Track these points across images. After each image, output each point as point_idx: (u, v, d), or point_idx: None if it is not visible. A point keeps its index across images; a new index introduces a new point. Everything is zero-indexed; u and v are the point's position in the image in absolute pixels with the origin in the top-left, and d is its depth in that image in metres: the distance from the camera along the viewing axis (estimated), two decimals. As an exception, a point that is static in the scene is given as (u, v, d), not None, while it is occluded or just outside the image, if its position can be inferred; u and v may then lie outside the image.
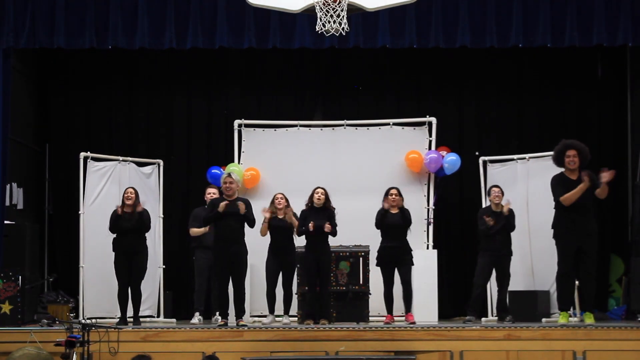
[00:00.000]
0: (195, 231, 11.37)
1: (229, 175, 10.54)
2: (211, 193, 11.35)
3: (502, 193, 11.14)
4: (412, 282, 10.73)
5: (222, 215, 10.26)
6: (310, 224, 10.51)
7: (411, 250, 10.74)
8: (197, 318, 11.24)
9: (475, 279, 11.08)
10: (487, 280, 11.16)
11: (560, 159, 10.37)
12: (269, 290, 10.87)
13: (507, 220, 10.93)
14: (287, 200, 10.92)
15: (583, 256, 10.19)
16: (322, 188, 10.78)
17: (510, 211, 11.00)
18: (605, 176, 10.11)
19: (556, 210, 10.34)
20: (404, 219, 10.72)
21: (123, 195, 10.92)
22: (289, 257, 10.87)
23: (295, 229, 10.83)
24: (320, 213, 10.65)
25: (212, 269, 10.95)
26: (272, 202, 10.94)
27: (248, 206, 10.43)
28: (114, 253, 10.80)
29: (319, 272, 10.64)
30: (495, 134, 13.22)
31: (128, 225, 10.70)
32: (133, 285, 10.80)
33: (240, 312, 10.31)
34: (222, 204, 10.25)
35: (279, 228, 10.84)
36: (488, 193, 11.33)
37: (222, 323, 10.22)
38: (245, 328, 10.00)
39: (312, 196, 10.76)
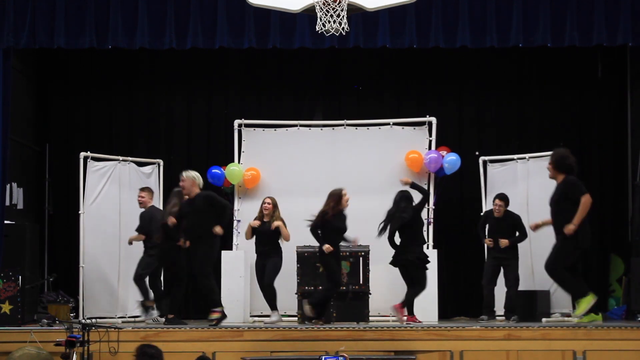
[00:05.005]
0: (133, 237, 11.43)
1: (181, 174, 10.69)
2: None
3: (506, 204, 11.22)
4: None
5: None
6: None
7: (408, 250, 10.66)
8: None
9: (483, 281, 11.24)
10: (492, 281, 11.20)
11: (564, 164, 10.11)
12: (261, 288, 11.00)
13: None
14: (275, 205, 11.00)
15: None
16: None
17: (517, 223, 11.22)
18: None
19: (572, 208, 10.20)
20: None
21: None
22: (274, 257, 10.94)
23: (282, 237, 10.95)
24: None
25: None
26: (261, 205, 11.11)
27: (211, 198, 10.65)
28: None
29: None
30: (495, 134, 13.22)
31: None
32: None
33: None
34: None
35: (262, 232, 10.96)
36: (493, 199, 11.41)
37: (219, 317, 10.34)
38: (214, 322, 10.21)
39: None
